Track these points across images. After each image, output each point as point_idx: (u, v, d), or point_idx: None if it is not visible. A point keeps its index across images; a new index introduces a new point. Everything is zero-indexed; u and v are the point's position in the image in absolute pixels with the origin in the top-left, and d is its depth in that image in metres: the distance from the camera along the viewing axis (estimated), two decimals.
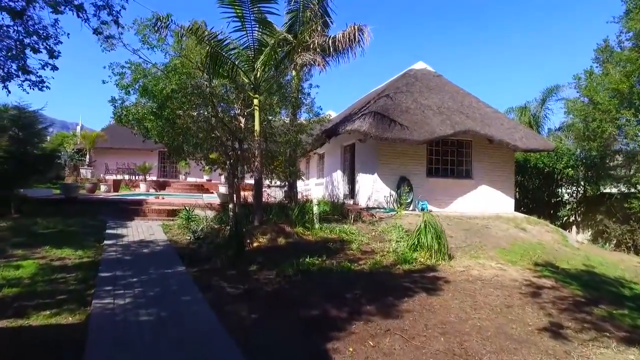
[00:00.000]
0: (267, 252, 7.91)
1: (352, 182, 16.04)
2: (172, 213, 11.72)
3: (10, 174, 11.06)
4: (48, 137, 32.03)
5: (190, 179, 24.88)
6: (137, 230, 9.68)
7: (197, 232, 8.92)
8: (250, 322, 4.69)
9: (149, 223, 10.80)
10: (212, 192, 21.93)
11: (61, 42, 6.82)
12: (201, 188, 23.01)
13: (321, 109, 11.89)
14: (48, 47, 6.63)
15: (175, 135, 9.82)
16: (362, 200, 14.26)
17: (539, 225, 12.54)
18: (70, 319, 4.34)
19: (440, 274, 7.48)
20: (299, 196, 13.72)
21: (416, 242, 8.65)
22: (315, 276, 6.68)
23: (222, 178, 23.71)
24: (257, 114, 9.41)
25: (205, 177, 24.50)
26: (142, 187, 21.58)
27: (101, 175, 23.99)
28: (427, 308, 5.53)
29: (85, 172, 22.90)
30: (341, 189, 16.86)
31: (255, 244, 8.10)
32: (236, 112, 10.18)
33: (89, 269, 6.26)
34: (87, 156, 24.28)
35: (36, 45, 6.54)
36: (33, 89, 6.74)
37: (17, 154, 11.19)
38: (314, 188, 19.57)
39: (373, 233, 10.35)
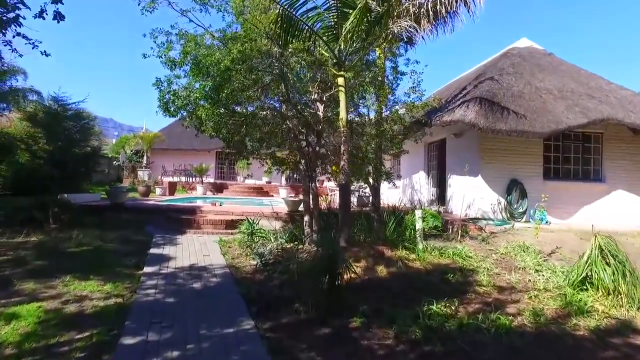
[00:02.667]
0: (367, 291, 5.46)
1: (440, 185, 13.34)
2: (231, 224, 9.58)
3: (49, 177, 9.45)
4: (113, 141, 31.94)
5: (249, 181, 23.07)
6: (189, 249, 7.56)
7: (264, 254, 6.62)
8: None
9: (203, 237, 8.71)
10: (272, 195, 19.96)
11: None
12: (260, 191, 21.15)
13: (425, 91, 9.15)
14: None
15: (235, 127, 7.58)
16: (456, 208, 11.53)
17: None
18: None
19: None
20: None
21: (584, 277, 5.83)
22: (460, 341, 4.12)
23: (283, 180, 21.72)
24: (342, 97, 6.99)
25: (265, 179, 22.66)
26: (199, 190, 20.01)
27: (158, 177, 22.81)
28: None
29: (142, 173, 21.85)
30: (425, 193, 14.22)
31: (347, 276, 5.65)
32: (313, 96, 7.74)
33: (112, 324, 4.07)
34: (145, 157, 23.22)
35: None
36: (8, 33, 4.69)
37: (58, 154, 9.56)
38: (386, 192, 16.90)
39: (494, 255, 7.67)
